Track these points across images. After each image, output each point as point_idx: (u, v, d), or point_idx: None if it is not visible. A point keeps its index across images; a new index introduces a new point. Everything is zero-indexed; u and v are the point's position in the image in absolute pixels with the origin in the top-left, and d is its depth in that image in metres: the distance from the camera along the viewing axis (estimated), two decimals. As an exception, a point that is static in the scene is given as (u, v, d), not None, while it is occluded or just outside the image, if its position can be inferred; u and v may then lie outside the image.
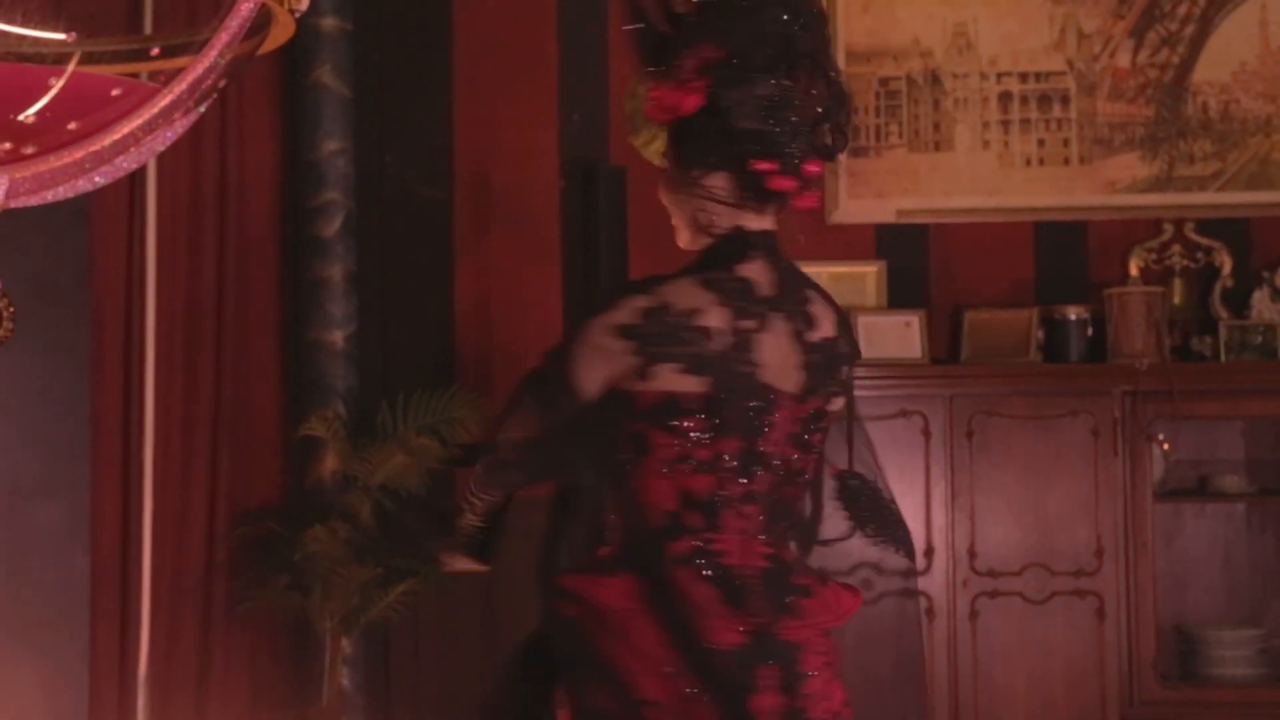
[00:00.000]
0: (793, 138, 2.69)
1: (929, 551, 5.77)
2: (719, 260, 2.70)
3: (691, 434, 2.62)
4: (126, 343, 5.65)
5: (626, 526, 2.71)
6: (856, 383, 6.10)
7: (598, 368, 2.65)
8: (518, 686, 2.74)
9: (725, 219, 2.72)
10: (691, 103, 2.68)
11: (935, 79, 6.29)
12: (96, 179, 3.12)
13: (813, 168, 2.73)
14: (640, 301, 2.63)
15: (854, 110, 2.92)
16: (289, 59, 5.98)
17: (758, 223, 2.74)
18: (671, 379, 2.61)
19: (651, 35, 2.73)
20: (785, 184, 2.70)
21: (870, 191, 6.25)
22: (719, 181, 2.71)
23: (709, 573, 2.61)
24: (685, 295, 2.64)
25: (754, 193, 2.70)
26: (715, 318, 2.63)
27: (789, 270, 2.75)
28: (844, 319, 2.83)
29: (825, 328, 2.75)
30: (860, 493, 2.82)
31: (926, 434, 5.80)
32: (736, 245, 2.71)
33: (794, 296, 2.71)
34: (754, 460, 2.67)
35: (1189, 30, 6.27)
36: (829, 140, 2.78)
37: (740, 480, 2.66)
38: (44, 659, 5.14)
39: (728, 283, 2.66)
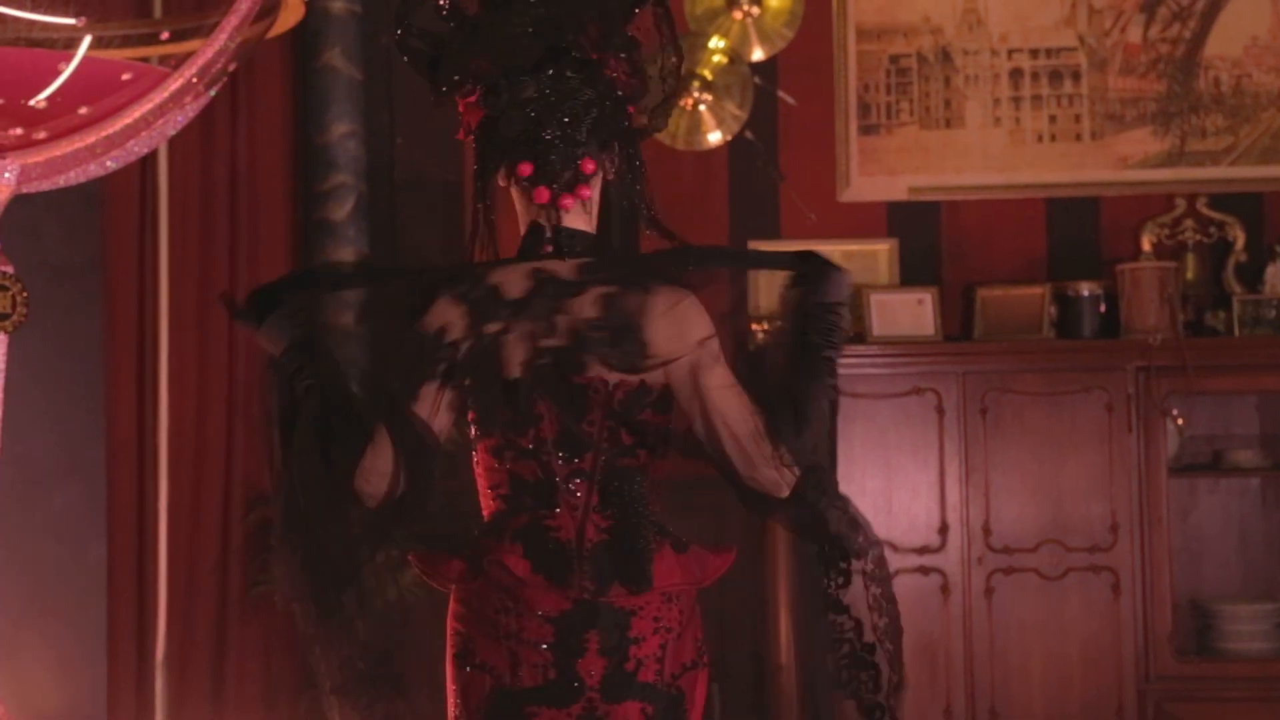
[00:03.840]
0: (561, 135, 2.84)
1: (944, 528, 5.77)
2: (523, 255, 2.87)
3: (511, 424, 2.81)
4: (140, 327, 5.66)
5: (483, 505, 2.90)
6: (869, 360, 6.12)
7: None
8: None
9: (523, 219, 2.89)
10: (477, 116, 2.87)
11: (946, 56, 6.27)
12: (108, 163, 3.13)
13: (587, 164, 2.86)
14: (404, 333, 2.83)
15: (678, 81, 3.01)
16: (298, 42, 5.97)
17: (555, 219, 2.88)
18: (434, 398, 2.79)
19: (425, 62, 2.89)
20: (544, 188, 2.85)
21: (881, 169, 6.24)
22: (509, 184, 2.90)
23: (537, 547, 2.78)
24: (438, 314, 2.80)
25: (527, 195, 2.87)
26: (458, 331, 2.77)
27: (577, 266, 2.85)
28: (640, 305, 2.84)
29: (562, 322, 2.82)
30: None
31: (940, 411, 5.80)
32: (530, 242, 2.88)
33: (545, 300, 2.81)
34: (576, 442, 2.81)
35: (1200, 5, 6.25)
36: (645, 121, 2.92)
37: (563, 461, 2.81)
38: (61, 644, 5.15)
39: (474, 290, 2.80)
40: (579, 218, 2.87)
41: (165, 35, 3.21)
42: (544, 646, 2.74)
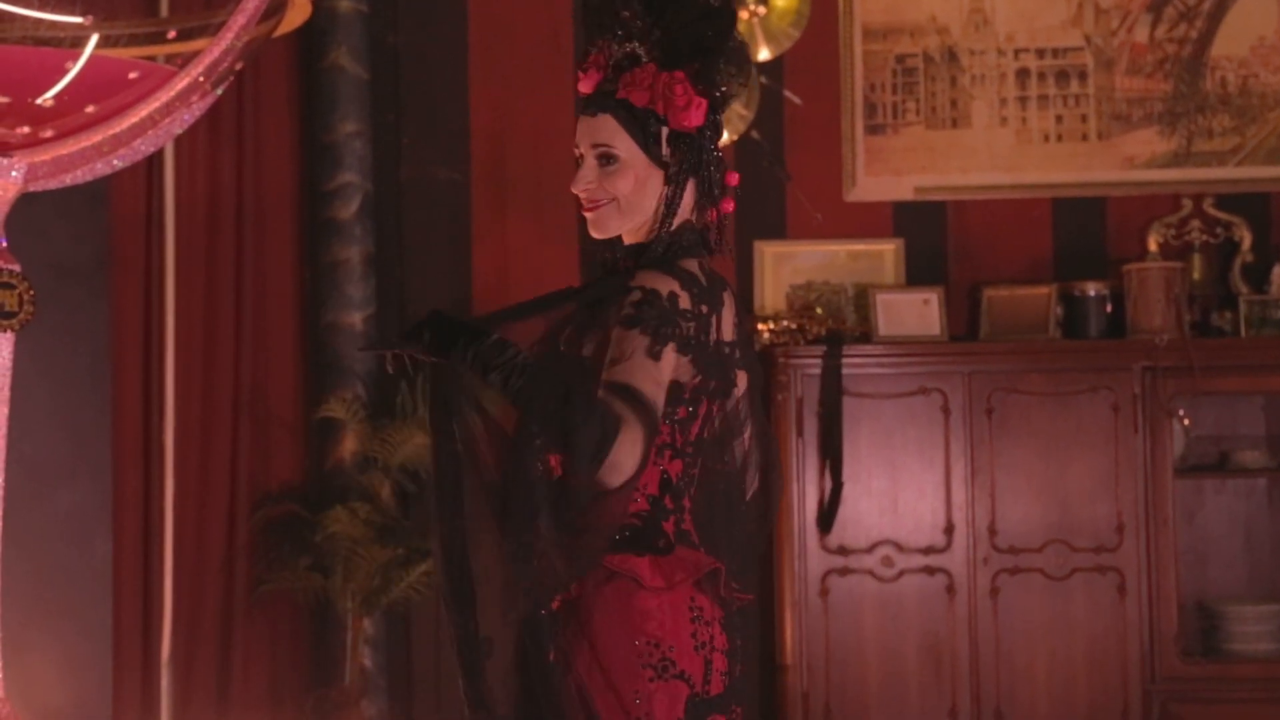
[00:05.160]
0: None
1: (949, 529, 5.77)
2: (680, 252, 2.84)
3: (679, 419, 2.75)
4: (146, 326, 5.67)
5: (605, 513, 2.72)
6: (875, 359, 6.12)
7: None
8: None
9: (672, 218, 2.87)
10: (698, 119, 2.85)
11: (952, 56, 6.27)
12: (115, 162, 3.14)
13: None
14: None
15: None
16: (305, 41, 5.99)
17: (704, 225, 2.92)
18: (672, 362, 2.71)
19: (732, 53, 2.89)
20: (732, 198, 2.93)
21: (888, 169, 6.23)
22: (691, 188, 2.88)
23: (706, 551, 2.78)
24: (658, 281, 2.73)
25: (722, 199, 2.90)
26: (684, 301, 2.74)
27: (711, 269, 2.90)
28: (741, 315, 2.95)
29: (729, 320, 2.85)
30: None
31: (946, 411, 5.79)
32: (695, 239, 2.87)
33: (718, 291, 2.84)
34: (701, 444, 2.81)
35: (1207, 5, 6.25)
36: None
37: (693, 465, 2.80)
38: (67, 642, 5.16)
39: (681, 271, 2.78)
40: None
41: (172, 34, 3.22)
42: (725, 652, 2.76)
